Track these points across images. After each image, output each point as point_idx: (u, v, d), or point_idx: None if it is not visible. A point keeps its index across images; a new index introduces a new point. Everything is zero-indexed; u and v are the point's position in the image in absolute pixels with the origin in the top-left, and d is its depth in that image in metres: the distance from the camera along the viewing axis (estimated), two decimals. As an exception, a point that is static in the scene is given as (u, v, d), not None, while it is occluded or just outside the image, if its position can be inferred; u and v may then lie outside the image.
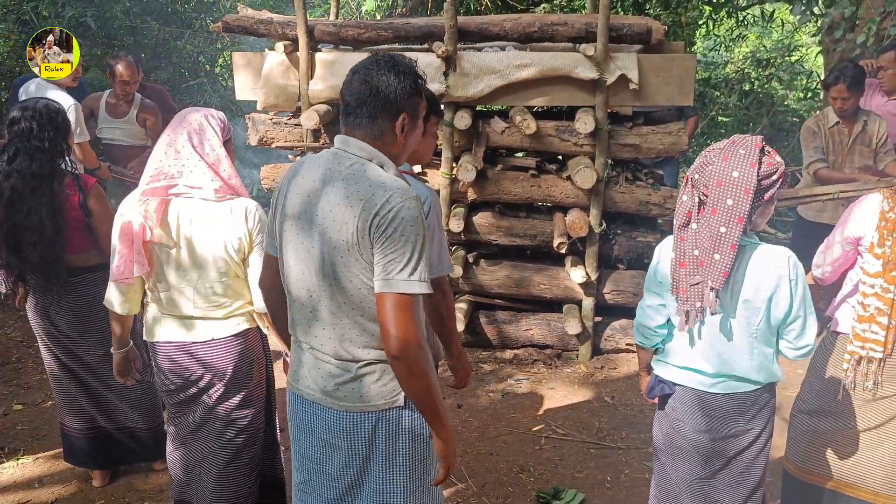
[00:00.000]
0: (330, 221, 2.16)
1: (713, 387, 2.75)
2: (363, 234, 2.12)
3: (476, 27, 5.31)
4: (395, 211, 2.10)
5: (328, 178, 2.21)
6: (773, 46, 13.16)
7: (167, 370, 3.12)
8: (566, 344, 5.65)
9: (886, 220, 2.96)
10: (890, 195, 3.00)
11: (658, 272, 2.78)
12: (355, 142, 2.25)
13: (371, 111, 2.22)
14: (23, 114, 3.52)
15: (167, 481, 4.02)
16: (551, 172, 5.50)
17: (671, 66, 5.18)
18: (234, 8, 8.00)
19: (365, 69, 2.23)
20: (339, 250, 2.16)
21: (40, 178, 3.49)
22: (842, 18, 6.91)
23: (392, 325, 2.10)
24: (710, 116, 10.48)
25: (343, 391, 2.29)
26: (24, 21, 8.08)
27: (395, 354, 2.12)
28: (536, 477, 4.12)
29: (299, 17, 5.37)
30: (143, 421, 3.99)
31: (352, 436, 2.31)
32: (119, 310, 3.08)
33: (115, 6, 8.64)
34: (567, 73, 5.11)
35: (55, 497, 3.96)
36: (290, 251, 2.29)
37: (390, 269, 2.11)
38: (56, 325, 3.74)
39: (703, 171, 2.56)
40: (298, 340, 2.40)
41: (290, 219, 2.27)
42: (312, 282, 2.25)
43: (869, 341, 3.02)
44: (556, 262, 5.67)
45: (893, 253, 2.94)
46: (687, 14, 10.26)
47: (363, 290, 2.19)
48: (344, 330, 2.25)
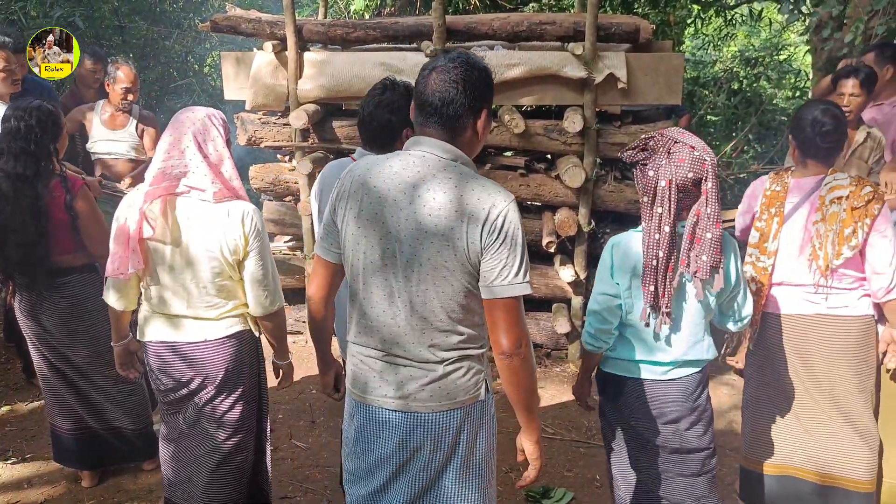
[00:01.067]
0: (430, 227, 2.13)
1: (668, 373, 2.84)
2: (473, 240, 2.11)
3: (464, 26, 5.32)
4: (503, 217, 2.12)
5: (421, 182, 2.16)
6: (762, 45, 13.20)
7: (158, 370, 3.10)
8: (556, 343, 5.66)
9: (766, 196, 3.25)
10: (774, 177, 3.29)
11: (616, 273, 2.81)
12: (440, 143, 2.20)
13: (457, 109, 2.18)
14: (14, 113, 3.52)
15: (156, 481, 4.03)
16: (540, 171, 5.50)
17: (659, 65, 5.19)
18: (223, 7, 7.98)
19: (446, 67, 2.18)
20: (441, 256, 2.14)
21: (24, 179, 3.49)
22: (829, 17, 6.95)
23: (507, 327, 2.16)
24: (699, 115, 10.50)
25: (428, 391, 2.26)
26: (12, 21, 8.04)
27: (509, 353, 2.18)
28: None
29: (288, 16, 5.37)
30: (132, 421, 3.98)
31: (438, 435, 2.29)
32: (116, 306, 3.07)
33: (103, 6, 8.62)
34: (555, 72, 5.12)
35: (44, 498, 3.95)
36: (370, 256, 2.23)
37: (504, 273, 2.13)
38: (43, 325, 3.73)
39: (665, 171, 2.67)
40: (369, 347, 2.33)
41: (372, 223, 2.21)
42: (398, 287, 2.21)
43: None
44: (546, 262, 5.68)
45: (768, 226, 3.21)
46: (675, 13, 10.28)
47: (462, 293, 2.19)
48: (433, 333, 2.22)
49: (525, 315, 2.24)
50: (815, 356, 3.20)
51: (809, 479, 3.30)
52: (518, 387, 2.25)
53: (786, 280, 3.23)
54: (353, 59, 5.43)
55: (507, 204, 2.13)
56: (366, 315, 2.30)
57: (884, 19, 6.28)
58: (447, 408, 2.28)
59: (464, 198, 2.12)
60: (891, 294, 3.07)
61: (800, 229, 3.15)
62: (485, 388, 2.34)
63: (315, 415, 4.74)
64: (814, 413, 3.25)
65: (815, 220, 3.10)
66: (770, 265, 3.21)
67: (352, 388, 2.41)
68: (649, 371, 2.85)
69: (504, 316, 2.17)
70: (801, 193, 3.17)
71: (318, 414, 4.73)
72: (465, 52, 2.28)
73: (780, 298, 3.26)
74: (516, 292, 2.15)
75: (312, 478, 4.07)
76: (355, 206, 2.23)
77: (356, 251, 2.26)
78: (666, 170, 2.61)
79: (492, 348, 2.25)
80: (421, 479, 2.32)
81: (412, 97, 2.29)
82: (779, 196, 3.21)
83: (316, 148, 5.66)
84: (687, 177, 2.60)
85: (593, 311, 2.85)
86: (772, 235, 3.19)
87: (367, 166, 2.28)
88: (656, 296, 2.69)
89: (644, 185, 2.70)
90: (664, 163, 2.63)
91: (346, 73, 5.38)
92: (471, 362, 2.30)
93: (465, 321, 2.24)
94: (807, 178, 3.18)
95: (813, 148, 3.15)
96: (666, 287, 2.68)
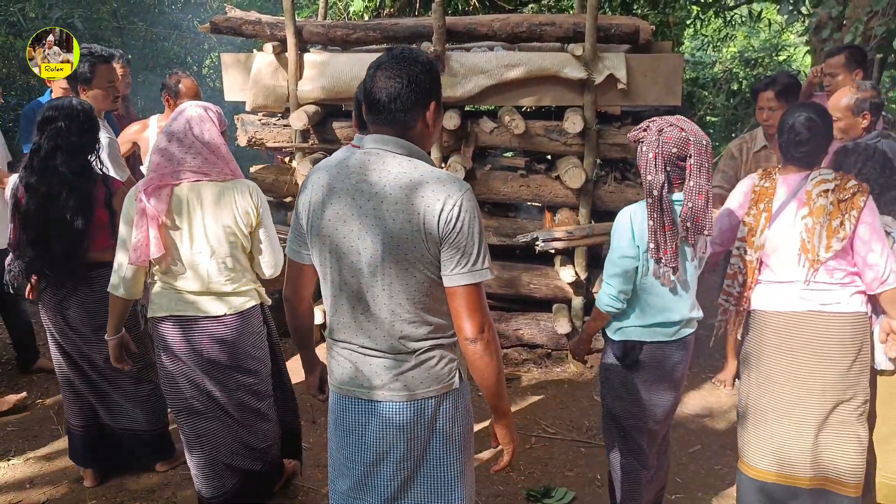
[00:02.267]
0: (389, 221, 2.18)
1: (676, 333, 3.12)
2: (430, 231, 2.16)
3: (464, 27, 5.33)
4: (458, 207, 2.17)
5: (377, 179, 2.21)
6: (761, 46, 13.24)
7: (174, 346, 3.30)
8: (556, 343, 5.66)
9: (755, 192, 3.32)
10: (763, 174, 3.37)
11: (637, 236, 3.03)
12: (392, 139, 2.24)
13: (404, 104, 2.20)
14: (54, 113, 3.60)
15: (158, 482, 4.04)
16: (540, 172, 5.51)
17: (659, 65, 5.20)
18: (222, 9, 7.98)
19: (390, 64, 2.21)
20: (401, 248, 2.18)
21: (78, 176, 3.61)
22: (829, 18, 6.94)
23: (470, 313, 2.23)
24: (699, 116, 10.52)
25: (402, 380, 2.32)
26: (11, 23, 8.05)
27: (473, 338, 2.24)
28: (527, 476, 4.13)
29: (287, 17, 5.38)
30: (148, 422, 3.99)
31: (413, 424, 2.34)
32: (125, 294, 3.26)
33: (102, 7, 8.62)
34: (555, 72, 5.13)
35: (46, 497, 3.96)
36: (336, 254, 2.28)
37: (463, 262, 2.20)
38: (68, 321, 3.76)
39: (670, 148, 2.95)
40: (343, 342, 2.39)
41: (335, 223, 2.25)
42: (364, 282, 2.26)
43: (727, 294, 3.41)
44: (546, 262, 5.69)
45: (756, 221, 3.27)
46: (675, 14, 10.29)
47: (426, 283, 2.24)
48: (402, 324, 2.28)
49: (486, 301, 2.31)
50: (808, 354, 3.19)
51: (800, 486, 3.28)
52: (484, 371, 2.29)
53: (777, 278, 3.25)
54: (354, 61, 5.43)
55: (461, 194, 2.18)
56: (337, 312, 2.37)
57: (883, 20, 6.28)
58: (422, 396, 2.34)
59: (419, 191, 2.17)
60: (885, 285, 3.11)
61: (789, 225, 3.19)
62: (458, 377, 2.40)
63: (316, 415, 4.74)
64: (805, 413, 3.23)
65: (803, 215, 3.16)
66: (756, 259, 3.28)
67: (331, 380, 2.49)
68: (662, 333, 3.10)
69: (465, 303, 2.23)
70: (789, 189, 3.23)
71: (319, 414, 4.73)
72: (409, 47, 2.32)
73: (772, 296, 3.27)
74: (476, 279, 2.22)
75: (314, 477, 4.07)
76: (317, 207, 2.29)
77: (322, 251, 2.32)
78: (654, 145, 2.95)
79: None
80: (402, 469, 2.38)
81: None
82: (767, 192, 3.28)
83: (316, 149, 5.67)
84: (672, 152, 2.92)
85: (615, 274, 3.05)
86: (759, 230, 3.25)
87: (323, 167, 2.34)
88: (658, 251, 2.96)
89: (639, 159, 3.03)
90: (654, 139, 2.96)
91: (347, 75, 5.39)
92: (443, 351, 2.36)
93: (432, 311, 2.30)
94: (792, 175, 3.25)
95: (789, 155, 3.25)
96: (667, 244, 2.96)
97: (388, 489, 2.40)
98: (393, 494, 2.40)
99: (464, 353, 2.31)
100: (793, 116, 3.21)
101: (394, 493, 2.40)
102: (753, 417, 3.37)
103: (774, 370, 3.27)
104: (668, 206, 2.95)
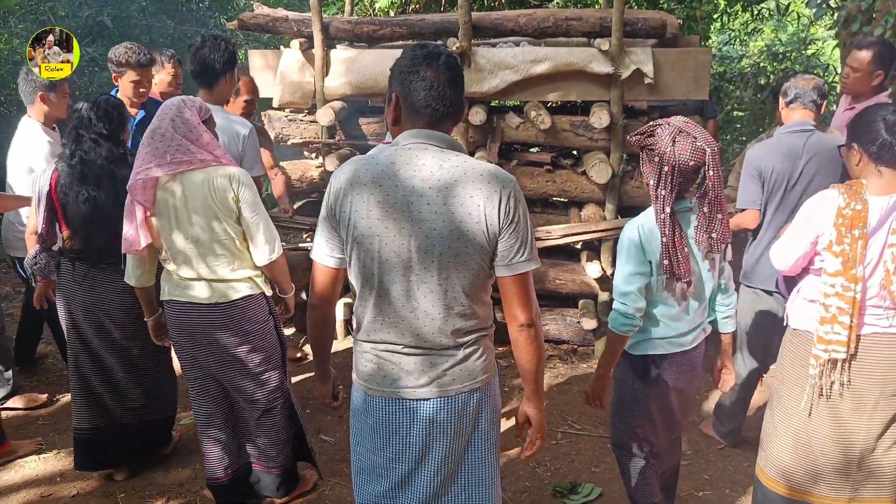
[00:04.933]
0: (447, 215, 2.18)
1: (692, 342, 3.07)
2: (491, 222, 2.20)
3: (490, 23, 5.33)
4: (514, 198, 2.22)
5: (427, 173, 2.21)
6: (789, 40, 13.10)
7: (178, 329, 3.42)
8: (582, 339, 5.65)
9: (843, 216, 2.90)
10: (846, 191, 2.93)
11: (647, 250, 2.91)
12: (434, 133, 2.27)
13: (452, 104, 2.27)
14: (83, 105, 3.69)
15: (187, 476, 4.08)
16: (566, 167, 5.50)
17: (686, 60, 5.17)
18: (249, 6, 8.03)
19: (439, 69, 2.24)
20: (461, 241, 2.20)
21: (112, 162, 3.70)
22: (858, 11, 6.84)
23: (524, 300, 2.30)
24: (726, 111, 10.42)
25: (451, 375, 2.33)
26: (42, 21, 8.14)
27: (528, 323, 2.31)
28: (553, 471, 4.13)
29: (314, 14, 5.41)
30: (158, 409, 4.05)
31: (461, 417, 2.36)
32: (137, 283, 3.43)
33: (130, 5, 8.71)
34: (582, 67, 5.11)
35: (76, 491, 4.00)
36: (384, 253, 2.23)
37: (522, 250, 2.26)
38: (101, 307, 3.81)
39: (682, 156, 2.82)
40: (385, 343, 2.34)
41: (383, 221, 2.21)
42: (415, 279, 2.24)
43: (832, 343, 2.96)
44: (572, 257, 5.67)
45: (853, 250, 2.87)
46: (702, 8, 10.20)
47: (481, 275, 2.28)
48: (454, 319, 2.28)
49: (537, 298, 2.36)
50: (874, 375, 3.03)
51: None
52: (532, 355, 2.36)
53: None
54: (380, 57, 5.45)
55: (513, 185, 2.25)
56: (382, 311, 2.31)
57: (914, 13, 6.19)
58: (468, 389, 2.35)
59: (475, 184, 2.19)
60: None
61: (877, 253, 2.92)
62: (496, 367, 2.46)
63: (342, 410, 4.75)
64: (857, 438, 3.08)
65: (891, 243, 2.88)
66: (859, 292, 2.91)
67: (366, 384, 2.41)
68: (679, 343, 3.04)
69: (523, 290, 2.29)
70: (880, 213, 2.90)
71: (346, 409, 4.73)
72: (434, 44, 2.36)
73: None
74: (532, 266, 2.30)
75: (341, 471, 4.09)
76: (362, 205, 2.22)
77: (369, 250, 2.24)
78: (670, 156, 2.80)
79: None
80: (448, 463, 2.37)
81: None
82: (860, 216, 2.87)
83: (343, 145, 5.69)
84: (688, 164, 2.79)
85: (627, 291, 2.91)
86: (858, 259, 2.88)
87: (364, 165, 2.27)
88: (671, 268, 2.86)
89: (650, 169, 2.90)
90: (668, 150, 2.80)
91: (373, 71, 5.40)
92: (485, 343, 2.40)
93: (480, 302, 2.34)
94: (884, 197, 2.90)
95: (894, 152, 2.87)
96: (679, 260, 2.85)
97: (430, 488, 2.38)
98: (434, 493, 2.39)
99: (514, 341, 2.35)
100: (881, 114, 2.89)
101: (434, 492, 2.39)
102: (800, 440, 3.19)
103: (848, 392, 3.06)
104: (678, 218, 2.88)
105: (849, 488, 3.16)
